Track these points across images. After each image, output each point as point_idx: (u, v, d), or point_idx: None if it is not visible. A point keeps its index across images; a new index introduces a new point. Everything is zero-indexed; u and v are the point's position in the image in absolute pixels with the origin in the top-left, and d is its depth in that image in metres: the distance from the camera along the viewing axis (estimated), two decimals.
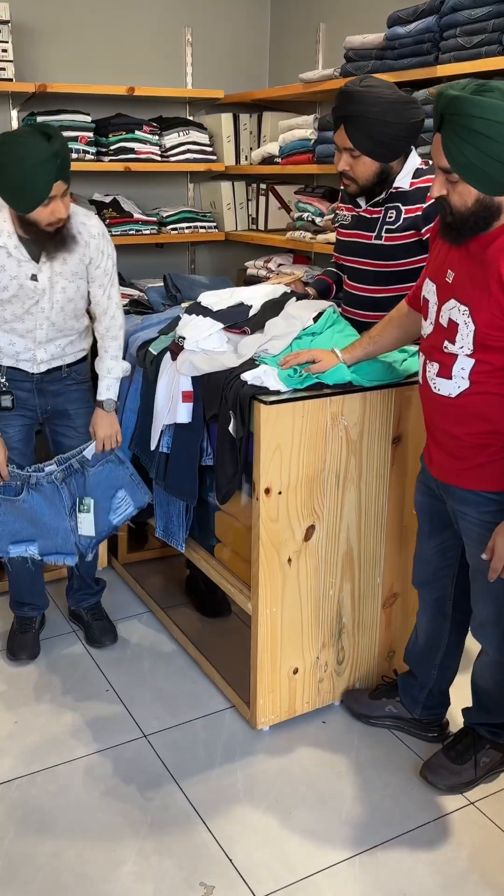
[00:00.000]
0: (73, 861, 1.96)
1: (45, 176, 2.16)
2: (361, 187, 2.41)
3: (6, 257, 2.30)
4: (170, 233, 4.11)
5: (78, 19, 3.92)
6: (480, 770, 2.19)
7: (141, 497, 2.64)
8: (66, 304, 2.42)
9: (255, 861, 1.97)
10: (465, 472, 1.96)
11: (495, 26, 2.76)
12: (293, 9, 4.23)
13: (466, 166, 1.70)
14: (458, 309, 1.84)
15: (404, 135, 2.32)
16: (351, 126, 2.28)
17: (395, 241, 2.42)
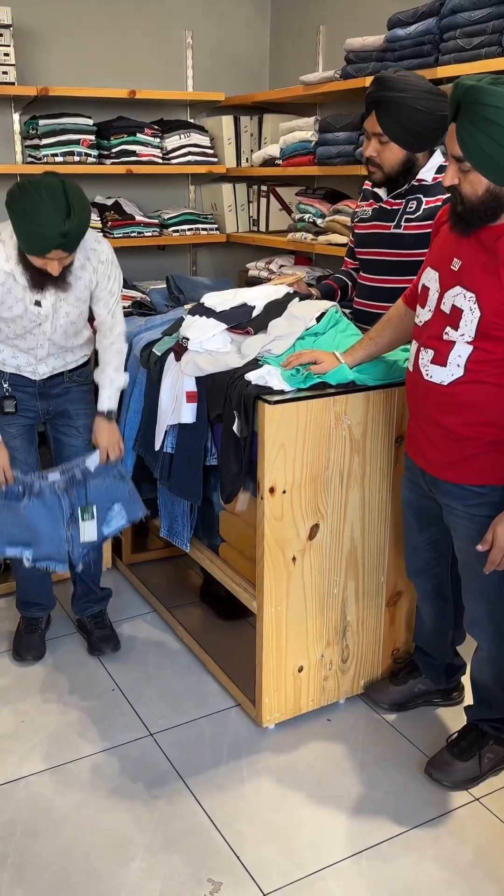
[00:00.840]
0: (82, 859, 1.98)
1: (47, 244, 2.17)
2: (386, 175, 2.47)
3: (13, 282, 2.32)
4: (171, 235, 4.13)
5: (79, 23, 3.94)
6: (485, 766, 2.21)
7: (136, 511, 2.64)
8: (69, 326, 2.46)
9: (262, 857, 1.98)
10: (452, 465, 1.98)
11: (495, 28, 2.77)
12: (293, 11, 4.25)
13: (478, 154, 1.74)
14: (464, 295, 1.86)
15: (432, 125, 2.38)
16: (382, 111, 2.35)
17: (414, 231, 2.47)
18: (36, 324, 2.40)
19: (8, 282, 2.31)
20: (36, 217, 2.13)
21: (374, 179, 2.51)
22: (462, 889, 1.90)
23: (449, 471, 2.00)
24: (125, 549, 3.31)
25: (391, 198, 2.55)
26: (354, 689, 2.53)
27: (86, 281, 2.41)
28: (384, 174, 2.47)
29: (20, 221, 2.17)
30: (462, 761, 2.20)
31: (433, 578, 2.30)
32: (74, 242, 2.22)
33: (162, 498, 2.69)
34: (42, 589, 2.77)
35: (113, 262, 2.45)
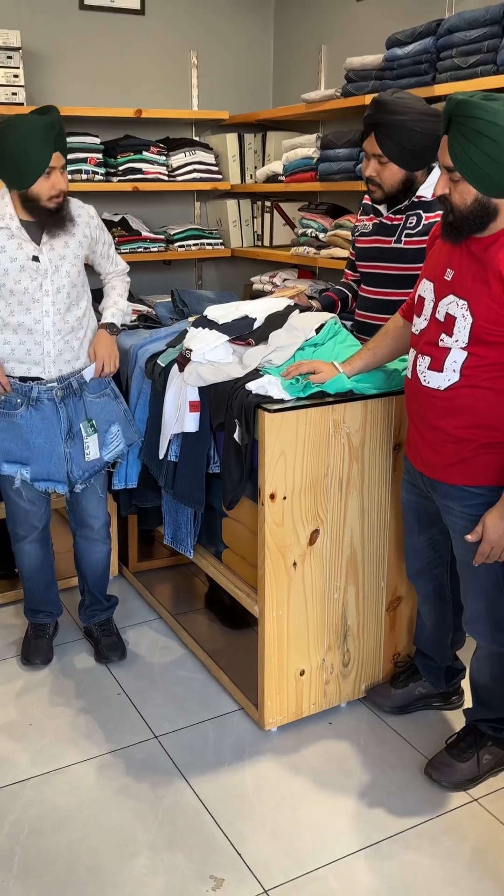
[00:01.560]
0: (87, 855, 2.02)
1: (43, 146, 2.29)
2: (386, 194, 2.54)
3: (7, 239, 2.40)
4: (177, 250, 4.22)
5: (86, 45, 4.05)
6: (483, 767, 2.24)
7: (132, 435, 2.69)
8: (71, 289, 2.51)
9: (263, 855, 2.02)
10: (449, 467, 2.05)
11: (489, 47, 2.85)
12: (295, 31, 4.35)
13: (467, 165, 1.82)
14: (457, 303, 1.94)
15: (430, 145, 2.44)
16: (381, 133, 2.42)
17: (414, 245, 2.54)
18: (37, 284, 2.44)
19: (1, 238, 2.40)
20: (19, 126, 2.26)
21: (375, 198, 2.59)
22: (459, 887, 1.93)
23: (446, 473, 2.07)
24: (131, 558, 3.37)
25: (391, 213, 2.62)
26: (356, 693, 2.58)
27: (79, 237, 2.53)
28: (384, 193, 2.54)
29: (7, 147, 2.29)
30: (461, 762, 2.24)
31: (433, 580, 2.35)
32: (63, 137, 2.37)
33: (166, 506, 2.76)
34: (48, 597, 2.83)
35: (99, 217, 2.64)
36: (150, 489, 2.85)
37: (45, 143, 2.29)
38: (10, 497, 2.65)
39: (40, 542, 2.74)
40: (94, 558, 2.81)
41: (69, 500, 2.74)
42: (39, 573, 2.77)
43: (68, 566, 3.19)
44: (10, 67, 3.57)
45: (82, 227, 2.54)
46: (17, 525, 2.70)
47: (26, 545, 2.72)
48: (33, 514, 2.67)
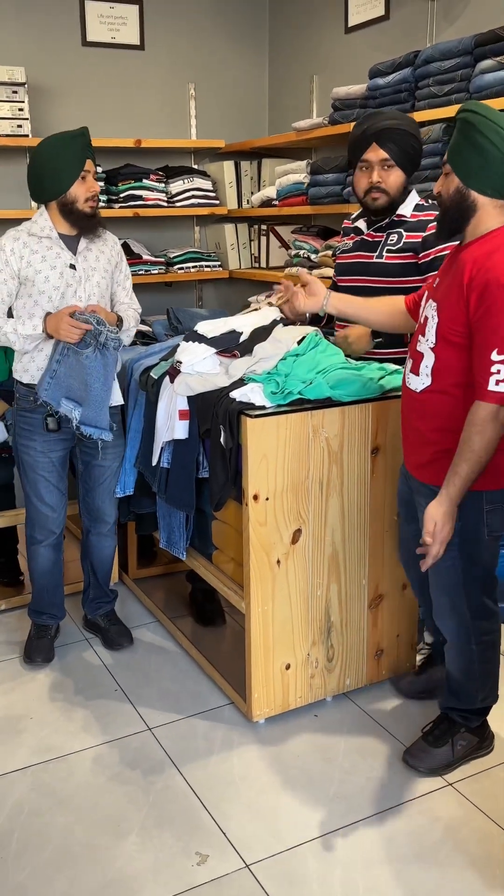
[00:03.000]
0: (82, 835, 2.15)
1: (77, 151, 2.59)
2: (391, 199, 2.72)
3: (48, 249, 2.65)
4: (177, 272, 4.40)
5: (88, 79, 4.27)
6: (458, 752, 2.36)
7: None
8: (100, 299, 2.75)
9: (246, 833, 2.14)
10: (422, 466, 2.19)
11: (463, 76, 3.03)
12: (288, 63, 4.56)
13: (454, 152, 2.02)
14: (431, 305, 2.12)
15: (420, 152, 2.70)
16: (384, 139, 2.64)
17: (394, 261, 2.72)
18: (72, 290, 2.67)
19: (41, 249, 2.64)
20: (57, 140, 2.59)
21: (378, 205, 2.72)
22: (430, 860, 2.05)
23: (420, 471, 2.22)
24: (131, 566, 3.51)
25: (372, 231, 2.79)
26: (340, 688, 2.69)
27: (108, 253, 2.78)
28: (389, 198, 2.71)
29: (51, 154, 2.58)
30: (436, 748, 2.36)
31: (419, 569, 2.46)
32: (91, 148, 2.64)
33: (161, 511, 2.90)
34: (55, 600, 2.98)
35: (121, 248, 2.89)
36: (145, 496, 3.00)
37: (79, 149, 2.60)
38: (32, 502, 2.83)
39: (54, 547, 2.90)
40: (105, 553, 3.02)
41: (85, 500, 2.95)
42: (50, 576, 2.93)
43: (72, 574, 3.35)
44: (16, 101, 3.78)
45: (111, 245, 2.82)
46: (35, 529, 2.87)
47: (42, 549, 2.89)
48: (52, 519, 2.84)
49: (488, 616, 2.28)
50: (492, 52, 2.91)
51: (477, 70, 2.97)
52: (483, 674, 2.33)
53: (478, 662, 2.30)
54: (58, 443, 2.77)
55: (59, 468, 2.81)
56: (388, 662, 2.77)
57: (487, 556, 2.22)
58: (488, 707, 2.41)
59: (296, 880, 1.99)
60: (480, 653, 2.29)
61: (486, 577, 2.25)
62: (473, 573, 2.22)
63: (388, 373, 2.61)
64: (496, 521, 2.18)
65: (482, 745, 2.43)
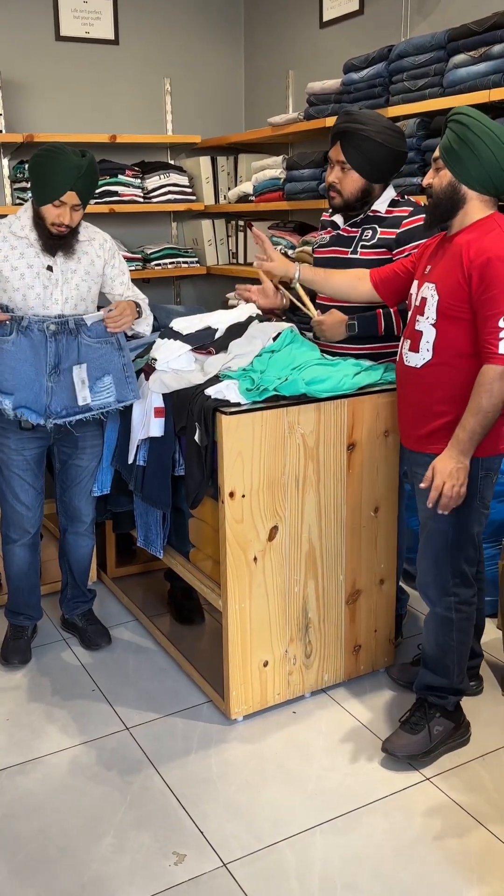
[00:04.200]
0: (58, 836, 2.13)
1: (63, 180, 2.51)
2: (345, 200, 2.72)
3: (27, 247, 2.61)
4: (154, 269, 4.38)
5: (63, 74, 4.23)
6: (435, 738, 2.39)
7: (126, 393, 2.67)
8: (80, 302, 2.68)
9: (224, 832, 2.13)
10: (422, 438, 2.31)
11: (436, 70, 3.03)
12: (264, 57, 4.54)
13: (450, 152, 2.17)
14: (429, 287, 2.24)
15: (390, 159, 2.65)
16: (346, 141, 2.62)
17: (369, 256, 2.71)
18: (48, 292, 2.62)
19: (21, 246, 2.60)
20: (54, 156, 2.50)
21: (335, 204, 2.75)
22: (408, 856, 2.05)
23: (419, 442, 2.33)
24: (109, 564, 3.49)
25: (348, 226, 2.79)
26: (319, 684, 2.69)
27: (92, 255, 2.72)
28: (343, 200, 2.72)
29: (40, 166, 2.51)
30: (413, 734, 2.39)
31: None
32: (87, 186, 2.56)
33: (138, 509, 2.89)
34: (31, 601, 2.96)
35: (114, 244, 2.81)
36: (122, 494, 2.98)
37: (65, 178, 2.50)
38: (7, 500, 2.80)
39: (30, 547, 2.87)
40: (82, 552, 2.99)
41: (62, 499, 2.91)
42: (26, 577, 2.90)
43: (49, 573, 3.32)
44: None
45: (96, 247, 2.73)
46: (10, 528, 2.84)
47: (17, 548, 2.86)
48: (28, 518, 2.81)
49: (468, 585, 2.38)
50: (465, 46, 2.91)
51: (450, 65, 2.97)
52: (460, 645, 2.40)
53: (456, 633, 2.38)
54: (32, 440, 2.75)
55: (35, 466, 2.78)
56: (365, 657, 2.77)
57: (476, 522, 2.33)
58: (463, 690, 2.46)
59: (273, 878, 1.99)
60: (459, 622, 2.38)
61: (472, 546, 2.35)
62: (461, 539, 2.33)
63: (363, 369, 2.60)
64: (487, 489, 2.31)
65: (458, 732, 2.46)
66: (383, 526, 2.69)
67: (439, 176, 2.21)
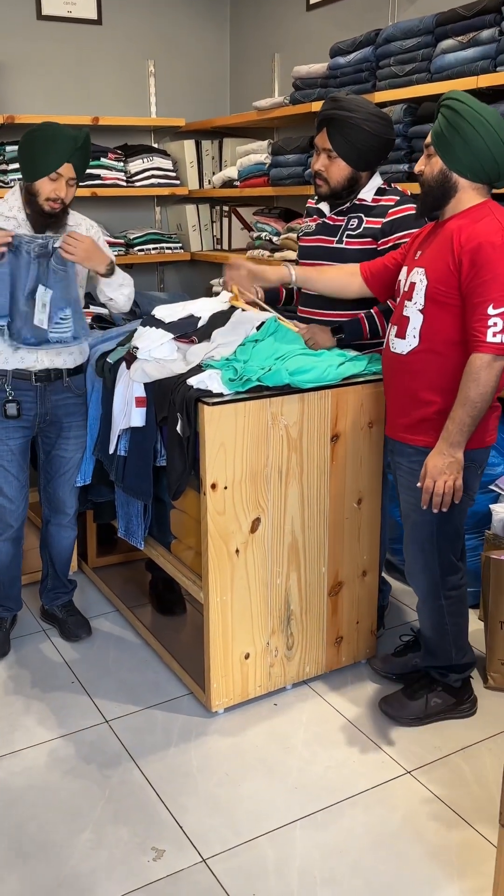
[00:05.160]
0: (35, 832, 2.11)
1: (59, 152, 2.47)
2: (332, 189, 2.67)
3: (15, 227, 2.55)
4: (137, 254, 4.32)
5: (44, 54, 4.15)
6: (431, 709, 2.45)
7: (80, 330, 2.62)
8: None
9: (204, 827, 2.12)
10: (407, 426, 2.30)
11: (424, 56, 2.98)
12: (250, 40, 4.47)
13: (437, 136, 2.15)
14: (418, 272, 2.22)
15: (378, 147, 2.60)
16: (333, 129, 2.57)
17: (354, 246, 2.67)
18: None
19: (9, 226, 2.54)
20: (49, 130, 2.47)
21: (321, 193, 2.71)
22: (388, 850, 2.04)
23: (404, 432, 2.32)
24: (90, 554, 3.46)
25: (334, 214, 2.74)
26: (300, 676, 2.68)
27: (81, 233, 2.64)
28: (329, 188, 2.67)
29: (36, 140, 2.47)
30: (412, 700, 2.47)
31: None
32: (83, 159, 2.53)
33: (119, 500, 2.85)
34: (12, 593, 2.91)
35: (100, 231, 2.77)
36: (103, 484, 2.94)
37: (62, 150, 2.47)
38: None
39: (13, 542, 2.83)
40: (64, 544, 2.96)
41: (46, 490, 2.87)
42: (7, 570, 2.86)
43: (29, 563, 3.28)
44: None
45: (83, 230, 2.67)
46: None
47: (0, 543, 2.81)
48: (10, 511, 2.76)
49: (455, 572, 2.40)
50: (453, 31, 2.87)
51: (438, 50, 2.93)
52: (454, 627, 2.43)
53: (447, 616, 2.41)
54: (17, 430, 2.70)
55: (20, 457, 2.73)
56: (347, 649, 2.75)
57: (458, 513, 2.32)
58: (468, 664, 2.49)
59: (253, 874, 1.97)
60: (449, 607, 2.41)
61: (456, 536, 2.36)
62: (446, 530, 2.32)
63: (347, 359, 2.57)
64: (471, 480, 2.29)
65: (459, 708, 2.50)
66: (366, 518, 2.67)
67: (430, 163, 2.18)
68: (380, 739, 2.43)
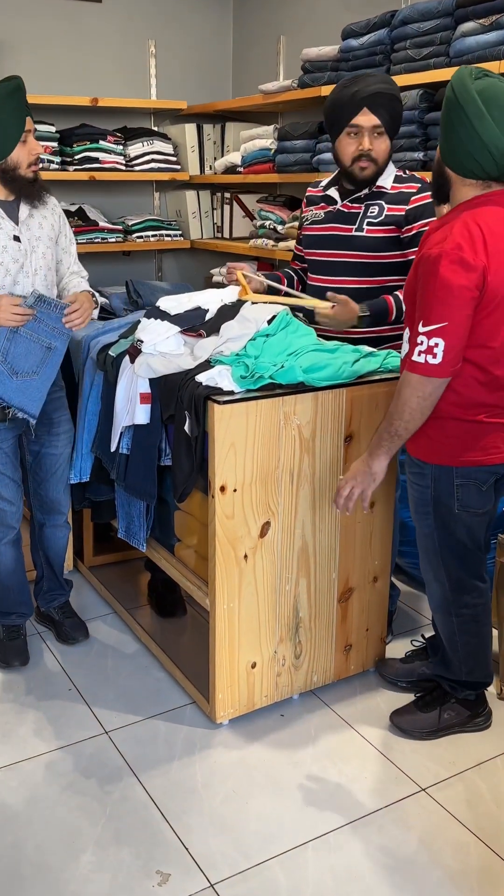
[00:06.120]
0: (32, 853, 2.00)
1: (17, 110, 2.30)
2: (379, 168, 2.57)
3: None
4: (135, 241, 4.18)
5: (42, 31, 3.99)
6: (444, 722, 2.35)
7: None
8: (47, 272, 2.51)
9: (210, 848, 2.01)
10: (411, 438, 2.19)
11: (442, 39, 2.86)
12: (254, 21, 4.32)
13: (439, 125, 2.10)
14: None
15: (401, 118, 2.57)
16: (376, 104, 2.47)
17: (376, 234, 2.57)
18: (19, 265, 2.43)
19: None
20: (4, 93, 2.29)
21: (366, 175, 2.56)
22: (405, 875, 1.94)
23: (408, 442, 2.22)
24: (86, 553, 3.33)
25: (349, 202, 2.62)
26: (308, 685, 2.57)
27: (52, 220, 2.54)
28: (377, 167, 2.56)
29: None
30: (424, 713, 2.37)
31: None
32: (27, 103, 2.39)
33: (119, 499, 2.73)
34: (22, 598, 2.78)
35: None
36: (103, 482, 2.82)
37: (18, 107, 2.30)
38: None
39: (14, 544, 2.70)
40: (60, 544, 2.84)
41: (37, 493, 2.74)
42: (14, 574, 2.73)
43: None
44: None
45: (51, 209, 2.55)
46: None
47: (2, 547, 2.67)
48: (11, 514, 2.64)
49: (468, 591, 2.27)
50: (474, 13, 2.75)
51: (458, 33, 2.80)
52: (465, 646, 2.32)
53: (458, 634, 2.30)
54: (7, 431, 2.57)
55: (13, 458, 2.61)
56: (356, 657, 2.65)
57: (463, 529, 2.19)
58: (480, 682, 2.39)
59: None
60: (460, 625, 2.29)
61: (465, 553, 2.23)
62: (449, 544, 2.21)
63: (362, 355, 2.46)
64: (468, 497, 2.16)
65: (474, 721, 2.40)
66: (379, 522, 2.56)
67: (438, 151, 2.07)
68: (392, 754, 2.34)
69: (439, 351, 1.93)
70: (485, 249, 1.91)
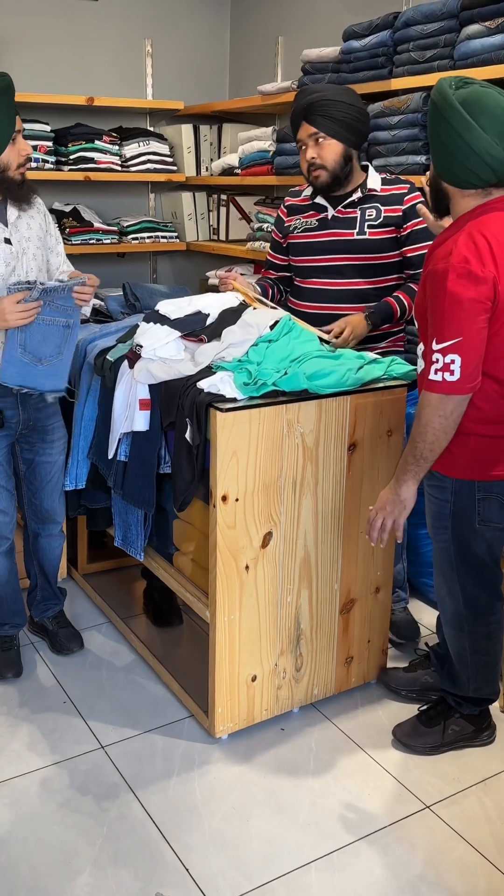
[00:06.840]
0: (27, 874, 1.93)
1: (8, 110, 2.24)
2: (331, 173, 2.60)
3: None
4: (130, 242, 4.12)
5: (38, 29, 3.92)
6: (448, 737, 2.31)
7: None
8: (38, 273, 2.45)
9: (211, 869, 1.95)
10: None
11: (446, 41, 2.82)
12: (252, 21, 4.28)
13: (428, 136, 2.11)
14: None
15: (359, 117, 2.58)
16: (311, 114, 2.54)
17: (378, 236, 2.62)
18: (10, 268, 2.36)
19: None
20: None
21: (321, 182, 2.64)
22: None
23: None
24: (80, 560, 3.27)
25: (342, 207, 2.66)
26: (308, 698, 2.52)
27: (39, 220, 2.47)
28: (329, 172, 2.61)
29: None
30: (427, 727, 2.31)
31: None
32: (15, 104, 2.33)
33: (116, 507, 2.66)
34: (15, 608, 2.72)
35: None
36: (99, 489, 2.75)
37: (8, 106, 2.24)
38: None
39: (7, 554, 2.64)
40: (55, 554, 2.78)
41: (32, 503, 2.67)
42: (8, 584, 2.66)
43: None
44: None
45: (37, 208, 2.48)
46: None
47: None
48: (4, 524, 2.57)
49: (483, 608, 2.21)
50: (480, 15, 2.70)
51: (462, 35, 2.76)
52: (475, 664, 2.26)
53: (469, 651, 2.25)
54: (3, 438, 2.50)
55: (6, 466, 2.54)
56: (357, 669, 2.60)
57: (482, 544, 2.13)
58: (486, 699, 2.34)
59: None
60: (472, 642, 2.24)
61: (483, 568, 2.17)
62: (467, 560, 2.15)
63: (367, 362, 2.41)
64: (490, 511, 2.09)
65: (478, 736, 2.36)
66: None
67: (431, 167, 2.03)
68: (395, 769, 2.29)
69: (456, 367, 1.87)
70: (493, 260, 1.86)
